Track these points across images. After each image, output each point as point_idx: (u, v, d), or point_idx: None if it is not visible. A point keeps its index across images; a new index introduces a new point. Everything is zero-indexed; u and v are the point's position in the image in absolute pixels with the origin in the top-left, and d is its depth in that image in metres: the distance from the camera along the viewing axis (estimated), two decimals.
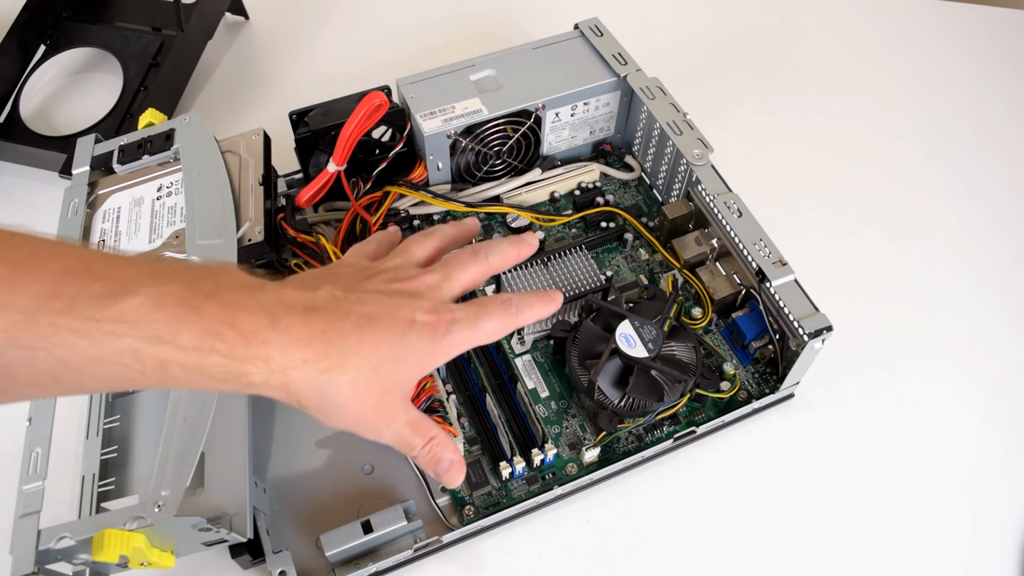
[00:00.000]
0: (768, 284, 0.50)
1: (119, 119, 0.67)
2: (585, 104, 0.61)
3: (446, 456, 0.41)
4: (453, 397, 0.51)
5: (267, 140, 0.55)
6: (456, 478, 0.41)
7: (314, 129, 0.56)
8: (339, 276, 0.39)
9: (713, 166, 0.55)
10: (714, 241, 0.55)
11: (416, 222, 0.61)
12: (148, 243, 0.51)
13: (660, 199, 0.63)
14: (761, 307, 0.52)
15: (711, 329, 0.56)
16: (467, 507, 0.49)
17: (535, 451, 0.49)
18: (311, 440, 0.52)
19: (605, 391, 0.50)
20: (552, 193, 0.63)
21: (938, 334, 0.59)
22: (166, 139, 0.55)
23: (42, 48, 0.73)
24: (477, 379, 0.53)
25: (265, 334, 0.33)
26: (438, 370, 0.53)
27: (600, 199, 0.62)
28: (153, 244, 0.50)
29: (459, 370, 0.53)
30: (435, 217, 0.62)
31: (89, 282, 0.30)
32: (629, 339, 0.50)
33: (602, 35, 0.62)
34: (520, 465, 0.49)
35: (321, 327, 0.34)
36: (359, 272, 0.40)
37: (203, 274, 0.34)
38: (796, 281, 0.50)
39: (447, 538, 0.48)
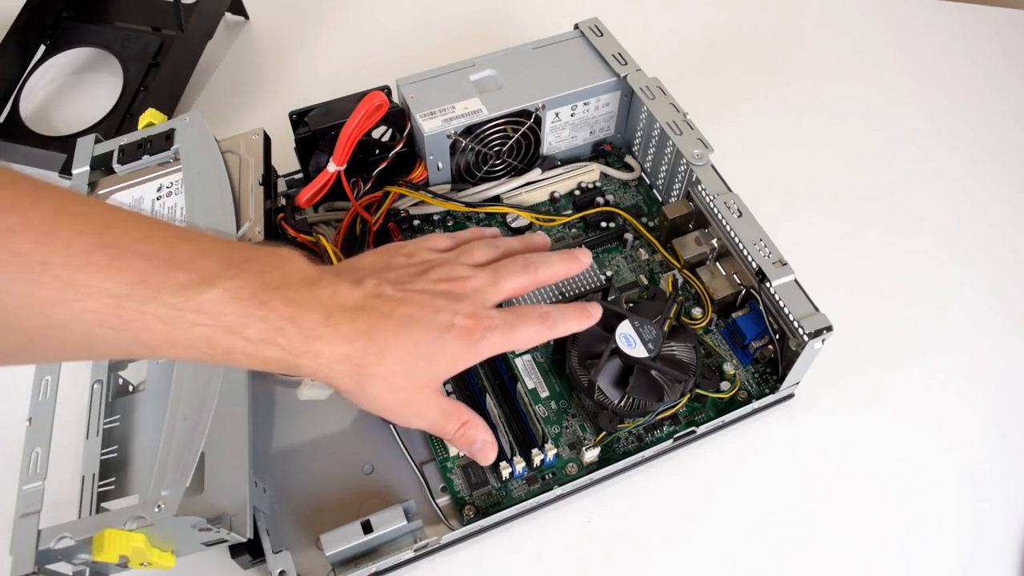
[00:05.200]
0: (768, 284, 0.50)
1: (119, 119, 0.67)
2: (585, 104, 0.61)
3: (479, 438, 0.44)
4: (453, 397, 0.51)
5: (267, 140, 0.55)
6: (489, 456, 0.45)
7: (314, 129, 0.56)
8: (393, 268, 0.42)
9: (713, 166, 0.55)
10: (714, 241, 0.55)
11: (416, 222, 0.61)
12: None
13: (660, 199, 0.63)
14: (761, 307, 0.52)
15: (711, 329, 0.56)
16: (467, 507, 0.49)
17: (535, 451, 0.49)
18: (311, 440, 0.52)
19: (605, 391, 0.50)
20: (552, 193, 0.63)
21: (938, 334, 0.59)
22: (166, 139, 0.55)
23: (42, 48, 0.73)
24: (477, 379, 0.53)
25: (319, 331, 0.36)
26: None
27: (600, 199, 0.62)
28: None
29: None
30: (435, 217, 0.62)
31: (174, 271, 0.33)
32: (629, 339, 0.50)
33: (602, 35, 0.62)
34: (520, 465, 0.49)
35: (366, 326, 0.38)
36: (414, 267, 0.43)
37: (271, 264, 0.37)
38: (796, 281, 0.50)
39: (447, 538, 0.48)
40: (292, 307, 0.36)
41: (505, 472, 0.49)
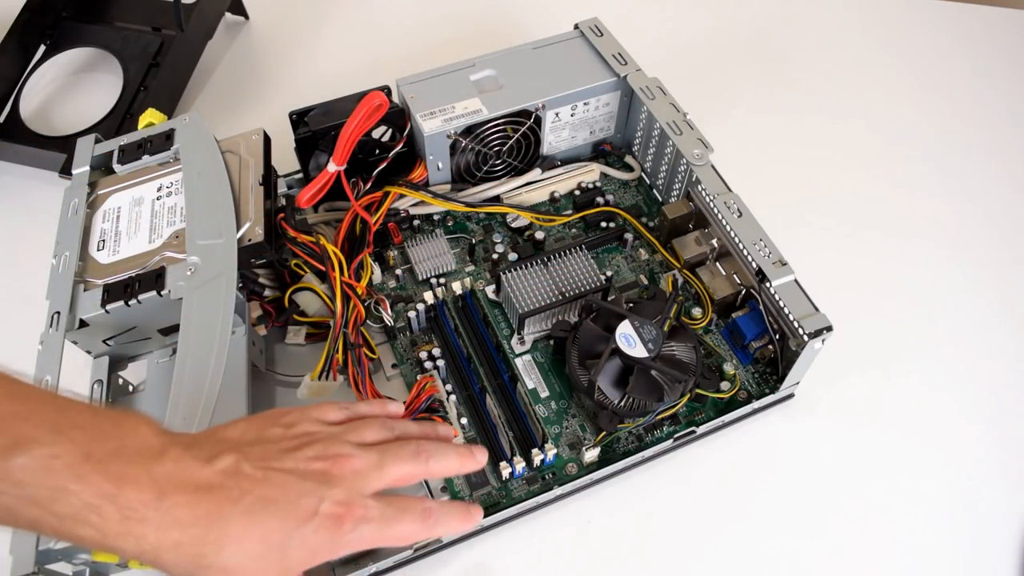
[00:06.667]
0: (768, 284, 0.50)
1: (119, 119, 0.67)
2: (585, 104, 0.61)
3: None
4: (453, 397, 0.51)
5: (267, 140, 0.55)
6: None
7: (314, 129, 0.56)
8: (264, 442, 0.38)
9: (713, 166, 0.55)
10: (714, 241, 0.55)
11: (416, 222, 0.61)
12: (148, 243, 0.51)
13: (660, 199, 0.63)
14: (761, 307, 0.52)
15: (711, 329, 0.56)
16: None
17: (535, 451, 0.49)
18: None
19: (605, 391, 0.50)
20: (552, 193, 0.63)
21: (938, 334, 0.59)
22: (166, 139, 0.55)
23: (42, 48, 0.73)
24: (477, 379, 0.53)
25: (144, 512, 0.32)
26: (438, 370, 0.53)
27: (600, 199, 0.62)
28: (153, 244, 0.50)
29: (459, 370, 0.53)
30: (435, 217, 0.62)
31: None
32: (629, 339, 0.50)
33: (602, 35, 0.62)
34: (520, 465, 0.49)
35: (206, 510, 0.33)
36: (289, 440, 0.38)
37: (107, 432, 0.33)
38: (796, 281, 0.50)
39: (447, 538, 0.48)
40: (115, 483, 0.32)
41: (505, 472, 0.49)
